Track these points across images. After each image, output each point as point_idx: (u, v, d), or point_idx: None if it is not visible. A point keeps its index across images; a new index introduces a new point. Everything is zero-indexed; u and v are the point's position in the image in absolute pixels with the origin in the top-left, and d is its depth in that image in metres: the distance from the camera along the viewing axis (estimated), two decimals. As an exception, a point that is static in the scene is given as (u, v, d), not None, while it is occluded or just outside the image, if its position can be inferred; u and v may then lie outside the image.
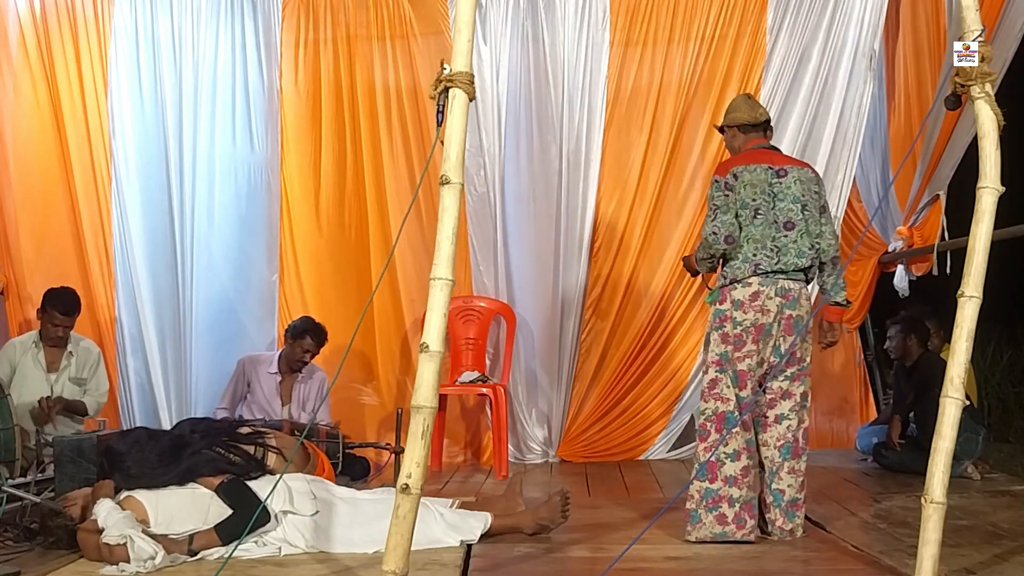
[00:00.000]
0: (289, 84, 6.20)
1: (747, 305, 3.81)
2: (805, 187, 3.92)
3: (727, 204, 3.87)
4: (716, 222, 3.86)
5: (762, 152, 4.00)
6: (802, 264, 3.85)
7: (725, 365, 3.82)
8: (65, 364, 5.25)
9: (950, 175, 5.68)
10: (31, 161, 6.15)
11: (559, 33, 6.08)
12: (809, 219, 3.89)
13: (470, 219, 6.04)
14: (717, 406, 3.82)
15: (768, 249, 3.83)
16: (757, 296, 3.81)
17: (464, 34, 2.87)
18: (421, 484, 2.66)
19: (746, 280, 3.82)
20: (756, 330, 3.81)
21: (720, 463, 3.78)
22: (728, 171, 3.91)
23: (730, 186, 3.88)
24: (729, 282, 3.86)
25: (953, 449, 2.90)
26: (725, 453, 3.78)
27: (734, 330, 3.82)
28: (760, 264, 3.82)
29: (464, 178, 2.84)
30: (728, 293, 3.85)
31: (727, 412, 3.79)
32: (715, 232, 3.85)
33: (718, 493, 3.75)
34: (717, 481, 3.76)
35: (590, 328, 6.15)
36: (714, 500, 3.75)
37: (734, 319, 3.82)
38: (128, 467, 3.59)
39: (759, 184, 3.87)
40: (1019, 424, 7.09)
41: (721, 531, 3.73)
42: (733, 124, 4.10)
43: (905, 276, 6.17)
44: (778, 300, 3.82)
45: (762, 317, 3.80)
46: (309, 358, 5.52)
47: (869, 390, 6.69)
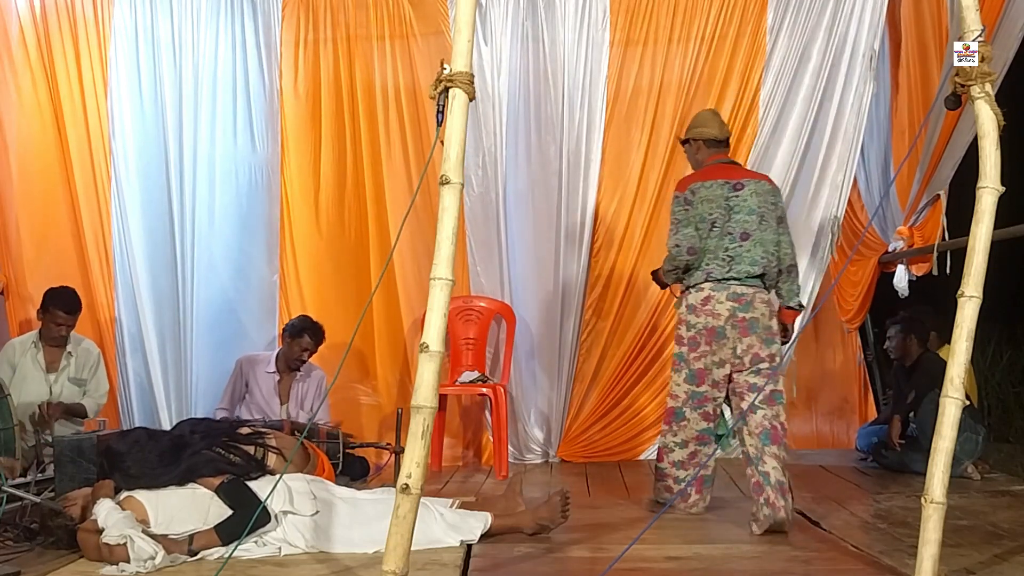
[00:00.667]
0: (289, 84, 6.20)
1: (699, 309, 4.16)
2: (762, 199, 4.21)
3: (687, 218, 4.19)
4: (678, 235, 4.19)
5: (720, 167, 4.30)
6: (755, 272, 4.15)
7: (679, 365, 4.23)
8: (64, 364, 5.25)
9: (950, 175, 5.68)
10: (31, 161, 6.16)
11: (559, 33, 6.08)
12: (766, 229, 4.19)
13: (469, 219, 6.04)
14: (668, 401, 4.31)
15: (720, 259, 4.14)
16: (708, 300, 4.14)
17: (464, 34, 2.87)
18: (421, 484, 2.66)
19: (699, 286, 4.17)
20: (708, 332, 4.13)
21: (668, 450, 4.29)
22: (687, 187, 4.24)
23: (689, 201, 4.20)
24: (686, 288, 4.24)
25: (953, 449, 2.90)
26: (674, 442, 4.28)
27: (688, 332, 4.20)
28: (712, 272, 4.14)
29: (464, 178, 2.84)
30: (684, 299, 4.24)
31: (675, 407, 4.25)
32: (678, 245, 4.18)
33: (665, 472, 4.31)
34: (664, 462, 4.32)
35: (590, 328, 6.15)
36: (662, 475, 4.34)
37: (688, 322, 4.20)
38: (128, 467, 3.59)
39: (715, 199, 4.17)
40: (1019, 424, 7.09)
41: (667, 497, 4.24)
42: (700, 138, 4.38)
43: (905, 276, 6.17)
44: (730, 304, 4.11)
45: (713, 320, 4.12)
46: (307, 357, 5.52)
47: (869, 390, 6.70)
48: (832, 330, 6.73)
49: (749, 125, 6.06)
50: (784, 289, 4.29)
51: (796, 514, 4.17)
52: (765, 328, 4.12)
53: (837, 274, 6.15)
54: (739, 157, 6.01)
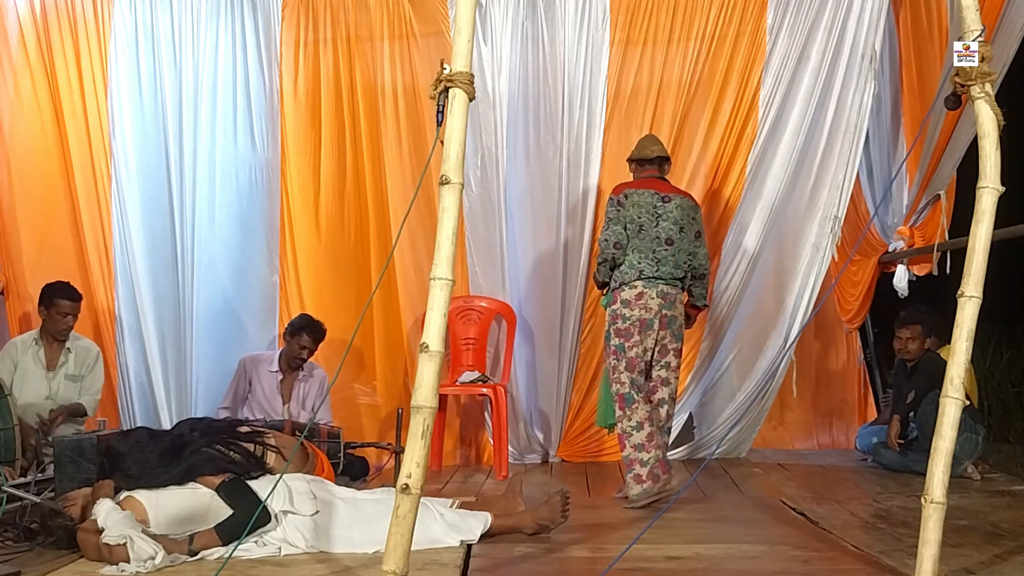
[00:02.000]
0: (289, 84, 6.20)
1: (633, 303, 4.63)
2: (684, 213, 4.80)
3: (617, 218, 4.70)
4: (608, 231, 4.70)
5: (652, 180, 4.86)
6: (678, 275, 4.72)
7: (620, 355, 4.63)
8: (63, 361, 5.27)
9: (950, 175, 5.68)
10: (31, 160, 6.16)
11: (559, 33, 6.08)
12: (684, 239, 4.76)
13: (469, 219, 6.04)
14: (617, 388, 4.65)
15: (650, 259, 4.66)
16: (641, 296, 4.63)
17: (464, 34, 2.87)
18: (421, 484, 2.66)
19: (632, 283, 4.64)
20: (640, 324, 4.62)
21: (627, 434, 4.57)
22: (621, 192, 4.77)
23: (621, 203, 4.73)
24: (619, 285, 4.67)
25: (953, 449, 2.90)
26: (630, 426, 4.56)
27: (623, 325, 4.64)
28: (644, 270, 4.64)
29: (464, 178, 2.84)
30: (618, 295, 4.68)
31: (625, 393, 4.61)
32: (606, 239, 4.69)
33: (630, 458, 4.54)
34: (627, 448, 4.56)
35: (590, 328, 6.15)
36: (628, 463, 4.54)
37: (623, 315, 4.64)
38: (128, 467, 3.58)
39: (645, 205, 4.71)
40: (1019, 424, 7.08)
41: (641, 489, 4.44)
42: (631, 160, 5.02)
43: (905, 276, 6.16)
44: (659, 300, 4.64)
45: (645, 313, 4.62)
46: (307, 355, 5.53)
47: (869, 390, 6.70)
48: (832, 330, 6.72)
49: (748, 125, 6.05)
50: (695, 292, 4.90)
51: (796, 514, 4.19)
52: (679, 326, 4.76)
53: (837, 274, 6.15)
54: (739, 157, 6.04)
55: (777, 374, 6.09)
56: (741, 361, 6.17)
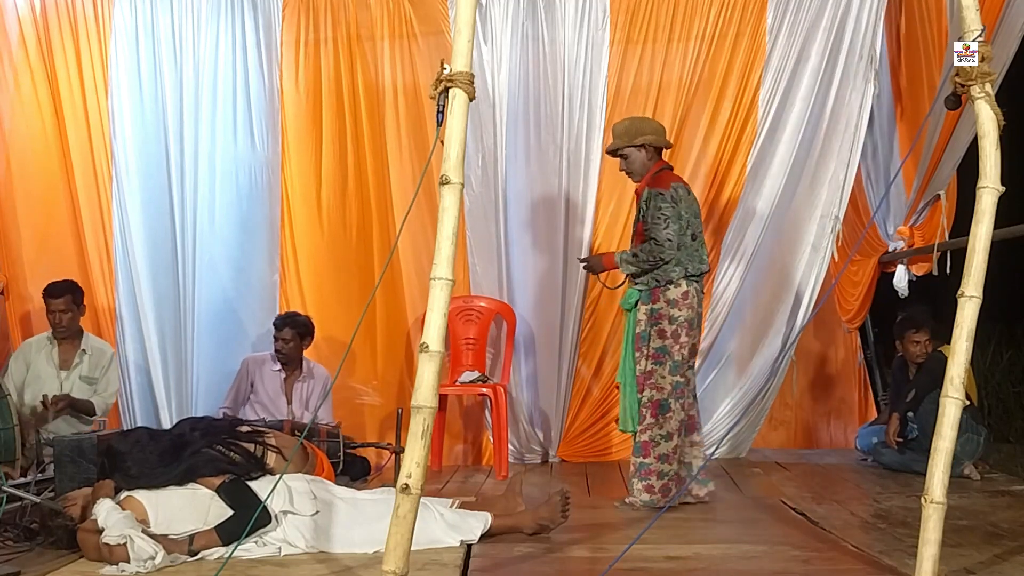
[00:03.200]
0: (289, 84, 6.20)
1: (680, 303, 4.41)
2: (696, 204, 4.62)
3: (674, 214, 4.40)
4: (668, 230, 4.38)
5: (673, 172, 4.61)
6: (705, 270, 4.53)
7: (663, 358, 4.39)
8: (77, 362, 5.28)
9: (950, 175, 5.68)
10: (31, 160, 6.17)
11: (559, 32, 6.08)
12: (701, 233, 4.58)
13: (470, 219, 6.04)
14: (653, 394, 4.40)
15: (690, 256, 4.45)
16: (687, 295, 4.42)
17: (464, 34, 2.87)
18: (421, 484, 2.66)
19: (677, 282, 4.41)
20: (688, 324, 4.42)
21: (655, 443, 4.38)
22: (669, 185, 4.44)
23: (674, 199, 4.42)
24: (663, 283, 4.41)
25: (953, 449, 2.90)
26: (660, 435, 4.38)
27: (670, 326, 4.40)
28: (687, 268, 4.42)
29: (464, 178, 2.84)
30: (660, 294, 4.42)
31: (661, 399, 4.39)
32: (670, 239, 4.37)
33: (649, 467, 4.38)
34: (650, 457, 4.38)
35: (590, 328, 6.15)
36: (645, 472, 4.38)
37: (671, 316, 4.40)
38: (128, 467, 3.58)
39: (686, 199, 4.48)
40: (1019, 424, 7.08)
41: (648, 499, 4.36)
42: (651, 144, 4.55)
43: (905, 276, 6.16)
44: (697, 299, 4.48)
45: (691, 313, 4.43)
46: (290, 349, 5.52)
47: (869, 390, 6.69)
48: (832, 330, 6.72)
49: (748, 125, 6.05)
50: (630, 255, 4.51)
51: (796, 514, 4.18)
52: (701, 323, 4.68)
53: (837, 274, 6.15)
54: (738, 156, 6.04)
55: (777, 374, 6.09)
56: (741, 361, 6.17)
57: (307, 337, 5.60)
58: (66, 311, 5.23)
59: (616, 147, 4.62)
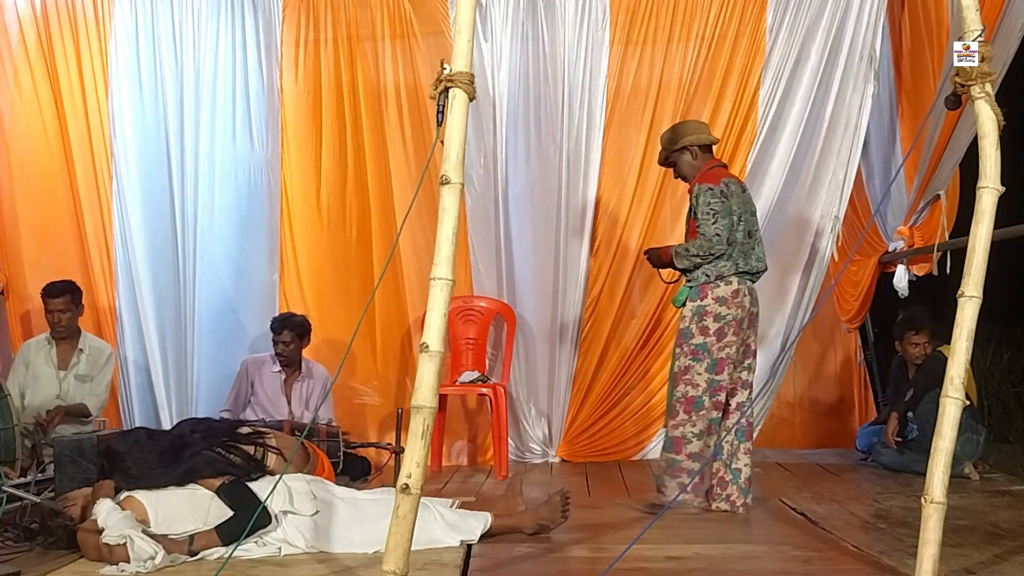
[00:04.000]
0: (290, 83, 6.21)
1: (729, 301, 4.31)
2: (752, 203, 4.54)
3: (724, 210, 4.32)
4: (718, 225, 4.29)
5: (726, 169, 4.56)
6: (760, 268, 4.44)
7: (702, 355, 4.30)
8: (75, 362, 5.28)
9: (950, 175, 5.67)
10: (32, 159, 6.17)
11: (559, 32, 6.08)
12: (758, 232, 4.51)
13: (471, 219, 6.04)
14: (687, 390, 4.32)
15: (743, 253, 4.37)
16: (737, 294, 4.32)
17: (464, 34, 2.87)
18: (421, 484, 2.66)
19: (728, 279, 4.31)
20: (736, 324, 4.31)
21: (687, 440, 4.30)
22: (719, 180, 4.36)
23: (724, 194, 4.34)
24: (713, 280, 4.32)
25: (953, 449, 2.90)
26: (692, 432, 4.31)
27: (716, 324, 4.30)
28: (739, 265, 4.34)
29: (464, 178, 2.84)
30: (709, 291, 4.32)
31: (695, 396, 4.31)
32: (719, 234, 4.28)
33: (680, 465, 4.29)
34: (681, 454, 4.30)
35: (590, 328, 6.15)
36: (676, 470, 4.30)
37: (718, 314, 4.30)
38: (128, 467, 3.58)
39: (740, 195, 4.41)
40: (1019, 424, 7.08)
41: (682, 497, 4.27)
42: (700, 144, 4.50)
43: (905, 276, 6.16)
44: (750, 298, 4.38)
45: (741, 312, 4.32)
46: (291, 351, 5.51)
47: (869, 390, 6.69)
48: (832, 330, 6.72)
49: (748, 125, 6.05)
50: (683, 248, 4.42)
51: (796, 514, 4.19)
52: (757, 322, 4.51)
53: (837, 274, 6.15)
54: (738, 156, 6.04)
55: (777, 374, 6.09)
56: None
57: (305, 337, 5.60)
58: (65, 311, 5.23)
59: (664, 157, 4.63)
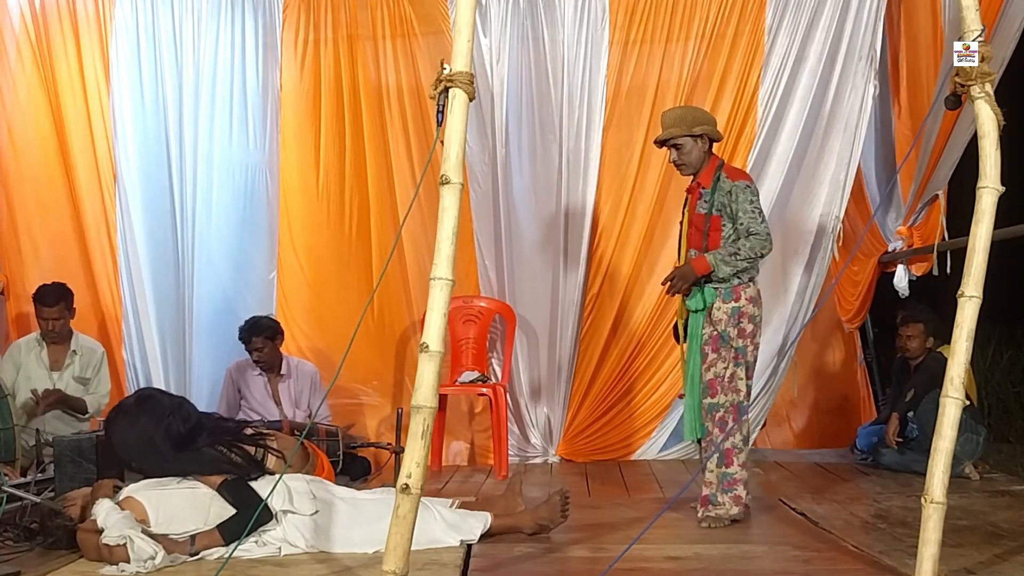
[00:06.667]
0: (289, 84, 6.21)
1: (758, 301, 4.15)
2: None
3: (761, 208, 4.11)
4: (765, 224, 4.07)
5: None
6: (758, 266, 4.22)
7: (742, 359, 4.10)
8: (69, 363, 5.28)
9: (949, 175, 5.67)
10: (33, 160, 6.16)
11: (559, 32, 6.08)
12: None
13: (476, 218, 6.03)
14: (734, 398, 4.10)
15: None
16: (759, 294, 4.19)
17: (464, 34, 2.87)
18: (421, 484, 2.66)
19: (754, 279, 4.16)
20: (761, 324, 4.20)
21: (738, 450, 4.10)
22: (752, 180, 4.19)
23: (757, 193, 4.15)
24: (746, 281, 4.11)
25: (953, 449, 2.90)
26: (740, 440, 4.12)
27: (750, 325, 4.12)
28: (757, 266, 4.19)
29: (464, 178, 2.84)
30: (741, 292, 4.10)
31: (740, 403, 4.10)
32: (768, 232, 4.07)
33: (734, 476, 4.08)
34: (733, 465, 4.09)
35: (590, 327, 6.15)
36: (730, 483, 4.08)
37: (751, 315, 4.12)
38: (131, 445, 3.61)
39: None
40: (1019, 424, 7.09)
41: (737, 512, 4.06)
42: (707, 134, 4.16)
43: (905, 276, 6.16)
44: None
45: (762, 312, 4.20)
46: (266, 355, 5.47)
47: (869, 390, 6.69)
48: (832, 330, 6.72)
49: (747, 124, 6.05)
50: None
51: (796, 514, 4.20)
52: None
53: (837, 274, 6.15)
54: (738, 156, 6.04)
55: (777, 374, 6.08)
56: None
57: (276, 337, 5.53)
58: (59, 318, 5.22)
59: (671, 136, 4.16)
